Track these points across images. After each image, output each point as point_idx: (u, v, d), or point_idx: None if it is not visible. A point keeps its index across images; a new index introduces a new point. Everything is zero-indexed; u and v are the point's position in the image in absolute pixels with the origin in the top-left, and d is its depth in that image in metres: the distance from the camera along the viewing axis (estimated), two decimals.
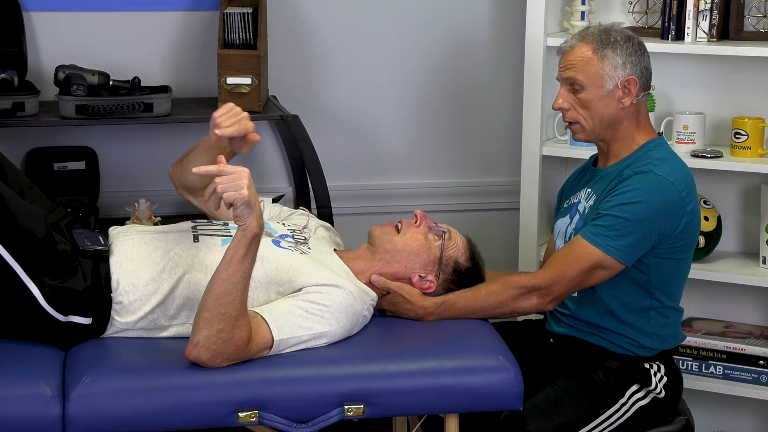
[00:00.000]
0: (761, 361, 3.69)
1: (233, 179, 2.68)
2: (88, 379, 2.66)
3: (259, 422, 2.71)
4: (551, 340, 3.21)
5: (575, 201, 3.18)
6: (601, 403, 3.05)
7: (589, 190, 3.14)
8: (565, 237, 3.16)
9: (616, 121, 3.08)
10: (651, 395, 3.08)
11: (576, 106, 3.08)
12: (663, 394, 3.09)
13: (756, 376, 3.70)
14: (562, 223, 3.20)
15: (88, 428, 2.63)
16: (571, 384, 3.07)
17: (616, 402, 3.05)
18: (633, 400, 3.06)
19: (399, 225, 3.09)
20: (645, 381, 3.08)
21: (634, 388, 3.07)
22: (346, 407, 2.73)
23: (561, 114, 3.15)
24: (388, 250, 3.04)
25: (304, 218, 3.24)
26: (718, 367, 3.74)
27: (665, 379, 3.10)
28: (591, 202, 3.11)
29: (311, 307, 2.81)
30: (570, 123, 3.12)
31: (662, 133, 3.62)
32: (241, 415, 2.69)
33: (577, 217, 3.14)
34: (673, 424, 3.12)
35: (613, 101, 3.05)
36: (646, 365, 3.09)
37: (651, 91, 3.14)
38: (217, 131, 2.89)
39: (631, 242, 2.98)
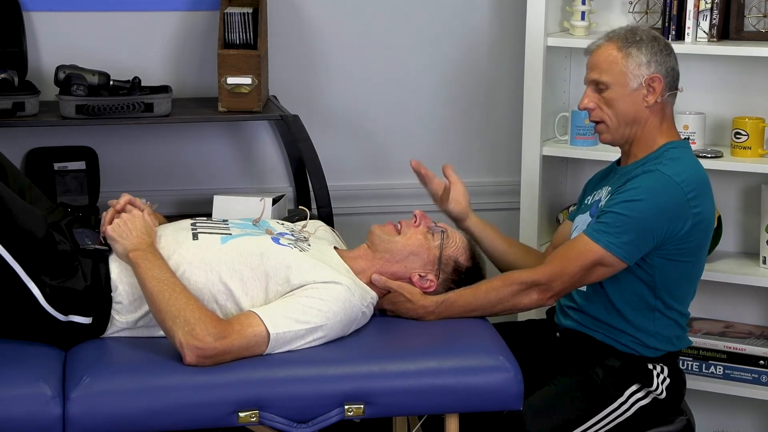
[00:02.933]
0: (761, 361, 3.69)
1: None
2: (88, 379, 2.66)
3: (260, 422, 2.71)
4: (557, 334, 3.21)
5: (597, 198, 3.17)
6: (600, 401, 3.05)
7: (609, 188, 3.14)
8: None
9: (640, 120, 3.07)
10: (651, 395, 3.08)
11: (601, 105, 3.08)
12: (664, 395, 3.09)
13: (756, 376, 3.70)
14: (582, 220, 3.18)
15: (88, 428, 2.63)
16: (569, 383, 3.07)
17: (615, 401, 3.05)
18: (633, 399, 3.06)
19: (399, 225, 3.10)
20: (646, 381, 3.08)
21: (634, 387, 3.07)
22: (346, 407, 2.73)
23: (587, 115, 3.15)
24: (389, 250, 3.04)
25: (303, 220, 3.25)
26: (718, 367, 3.74)
27: (668, 380, 3.10)
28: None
29: (308, 301, 2.81)
30: (596, 123, 3.12)
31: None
32: (242, 415, 2.70)
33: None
34: (674, 424, 3.12)
35: (637, 99, 3.06)
36: (650, 365, 3.09)
37: (678, 92, 3.14)
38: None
39: (632, 240, 2.97)
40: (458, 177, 3.31)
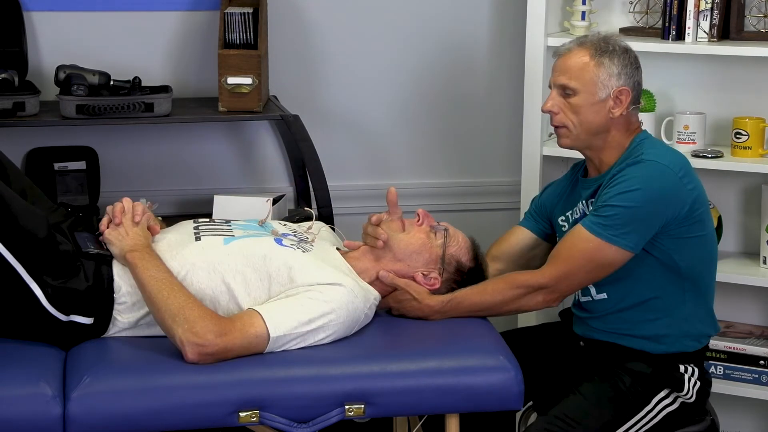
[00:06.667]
0: (761, 361, 3.69)
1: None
2: (88, 379, 2.66)
3: (260, 422, 2.71)
4: (581, 343, 3.17)
5: (577, 216, 3.13)
6: (626, 411, 3.00)
7: (592, 200, 3.11)
8: None
9: (603, 130, 3.06)
10: (680, 400, 3.04)
11: (565, 110, 3.06)
12: (694, 398, 3.05)
13: (756, 376, 3.70)
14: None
15: (89, 428, 2.64)
16: (595, 391, 3.02)
17: (642, 409, 3.01)
18: (660, 406, 3.02)
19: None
20: (677, 386, 3.03)
21: (662, 394, 3.03)
22: (346, 407, 2.73)
23: (549, 117, 3.14)
24: (391, 248, 3.04)
25: (304, 221, 3.25)
26: (718, 367, 3.74)
27: (698, 384, 3.06)
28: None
29: (311, 303, 2.81)
30: (557, 127, 3.10)
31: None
32: (242, 415, 2.70)
33: None
34: (700, 425, 3.09)
35: (603, 110, 3.04)
36: (681, 368, 3.05)
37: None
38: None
39: (634, 229, 2.95)
40: None
